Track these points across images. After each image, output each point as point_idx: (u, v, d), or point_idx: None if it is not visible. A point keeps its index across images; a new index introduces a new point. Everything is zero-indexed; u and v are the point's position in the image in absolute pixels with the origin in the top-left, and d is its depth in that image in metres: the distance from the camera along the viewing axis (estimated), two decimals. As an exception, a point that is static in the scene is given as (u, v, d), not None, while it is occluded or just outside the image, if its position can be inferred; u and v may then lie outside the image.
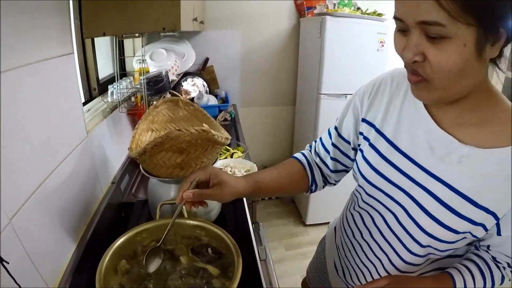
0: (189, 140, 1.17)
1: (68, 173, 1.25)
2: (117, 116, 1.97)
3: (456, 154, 0.85)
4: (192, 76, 3.37)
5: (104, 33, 1.46)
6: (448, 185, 0.86)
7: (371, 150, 1.04)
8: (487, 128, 0.83)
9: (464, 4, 0.64)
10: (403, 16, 0.74)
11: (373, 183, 1.03)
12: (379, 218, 1.04)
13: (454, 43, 0.69)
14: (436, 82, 0.76)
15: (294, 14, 3.64)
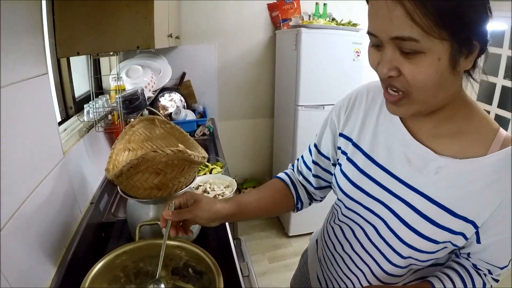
0: (165, 161, 1.15)
1: (45, 196, 1.22)
2: (94, 135, 1.95)
3: (433, 166, 0.86)
4: (169, 91, 3.36)
5: (78, 53, 1.44)
6: (426, 196, 0.86)
7: (348, 164, 1.04)
8: (462, 138, 0.84)
9: (437, 19, 0.65)
10: (377, 31, 0.74)
11: (351, 196, 1.03)
12: (360, 230, 1.05)
13: (428, 57, 0.70)
14: (413, 96, 0.77)
15: (270, 26, 3.67)
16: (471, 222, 0.82)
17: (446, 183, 0.84)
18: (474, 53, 0.72)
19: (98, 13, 1.38)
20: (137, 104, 1.81)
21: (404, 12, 0.67)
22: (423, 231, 0.87)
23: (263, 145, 4.18)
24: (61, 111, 1.92)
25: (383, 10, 0.70)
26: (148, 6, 1.37)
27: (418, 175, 0.88)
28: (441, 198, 0.84)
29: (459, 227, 0.84)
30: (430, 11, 0.65)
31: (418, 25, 0.66)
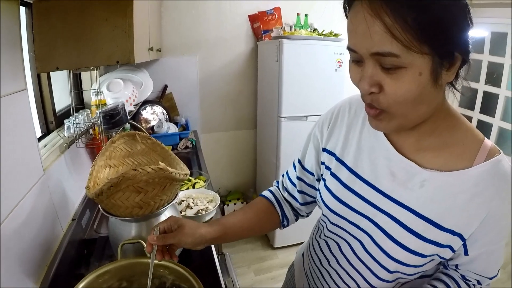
0: (146, 179, 1.13)
1: (25, 215, 1.22)
2: (75, 150, 1.92)
3: (418, 179, 0.85)
4: (151, 104, 3.32)
5: (57, 68, 1.43)
6: (412, 210, 0.86)
7: (332, 179, 1.03)
8: (447, 151, 0.84)
9: (418, 34, 0.65)
10: (356, 47, 0.74)
11: (336, 211, 1.02)
12: (346, 245, 1.03)
13: (409, 72, 0.69)
14: (394, 111, 0.77)
15: (251, 38, 3.68)
16: (458, 234, 0.82)
17: (431, 196, 0.83)
18: (456, 65, 0.72)
19: (77, 28, 1.37)
20: (118, 119, 1.79)
21: (384, 27, 0.66)
22: (409, 245, 0.86)
23: (247, 157, 4.17)
24: (41, 126, 1.91)
25: (362, 26, 0.70)
26: (127, 21, 1.36)
27: (403, 189, 0.87)
28: (427, 211, 0.84)
29: (446, 240, 0.83)
30: (410, 25, 0.64)
31: (398, 40, 0.66)
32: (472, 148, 0.82)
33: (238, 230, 1.12)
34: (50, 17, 1.36)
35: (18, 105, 1.27)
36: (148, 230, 1.32)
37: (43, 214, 1.38)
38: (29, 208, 1.26)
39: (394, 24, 0.65)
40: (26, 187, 1.26)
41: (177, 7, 3.37)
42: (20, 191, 1.21)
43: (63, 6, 1.34)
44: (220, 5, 3.49)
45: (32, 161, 1.35)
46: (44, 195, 1.42)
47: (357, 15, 0.71)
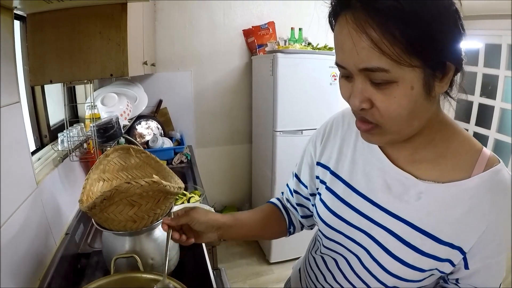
0: (139, 193, 1.12)
1: (17, 228, 1.21)
2: (70, 164, 1.91)
3: (414, 191, 0.83)
4: (146, 119, 3.32)
5: (51, 81, 1.42)
6: (408, 223, 0.83)
7: (328, 193, 1.01)
8: (443, 162, 0.82)
9: (407, 47, 0.63)
10: (345, 63, 0.72)
11: (332, 226, 1.00)
12: (343, 261, 1.01)
13: (400, 87, 0.67)
14: (387, 127, 0.75)
15: (246, 52, 3.70)
16: (458, 248, 0.79)
17: (428, 209, 0.81)
18: (449, 74, 0.70)
19: (70, 41, 1.36)
20: (112, 132, 1.78)
21: (370, 42, 0.64)
22: (406, 259, 0.84)
23: (242, 171, 4.15)
24: (35, 139, 1.90)
25: (348, 42, 0.68)
26: (121, 34, 1.35)
27: (399, 202, 0.85)
28: (424, 224, 0.81)
29: (444, 253, 0.80)
30: (398, 39, 0.63)
31: (387, 55, 0.64)
32: (469, 159, 0.80)
33: (249, 226, 1.13)
34: (44, 30, 1.35)
35: (12, 118, 1.26)
36: (142, 245, 1.31)
37: (36, 227, 1.37)
38: (21, 221, 1.25)
39: (381, 38, 0.63)
40: (19, 201, 1.26)
41: (171, 22, 3.39)
42: (12, 205, 1.20)
43: (56, 19, 1.34)
44: (214, 20, 3.52)
45: (25, 174, 1.35)
46: (37, 208, 1.41)
47: (343, 30, 0.69)
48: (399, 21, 0.62)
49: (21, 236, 1.23)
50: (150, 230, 1.32)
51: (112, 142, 1.89)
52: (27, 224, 1.29)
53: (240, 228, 1.10)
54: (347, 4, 0.68)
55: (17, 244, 1.20)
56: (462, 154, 0.81)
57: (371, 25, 0.64)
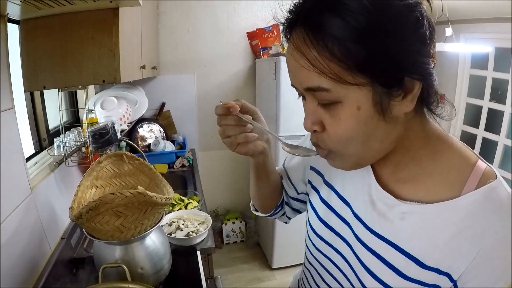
0: (125, 204, 1.10)
1: (10, 233, 1.23)
2: (67, 169, 1.90)
3: (397, 211, 0.75)
4: (148, 122, 3.32)
5: (44, 87, 1.43)
6: (392, 244, 0.75)
7: (320, 203, 0.95)
8: (428, 181, 0.73)
9: (348, 64, 0.59)
10: (293, 82, 0.70)
11: (321, 236, 0.94)
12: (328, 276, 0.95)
13: (345, 108, 0.64)
14: (341, 151, 0.71)
15: (250, 55, 3.67)
16: (446, 274, 0.69)
17: (412, 230, 0.73)
18: (414, 92, 0.63)
19: (63, 47, 1.37)
20: (107, 138, 1.76)
21: (307, 61, 0.62)
22: (389, 283, 0.75)
23: (245, 175, 4.10)
24: (34, 143, 1.90)
25: (291, 61, 0.66)
26: (113, 39, 1.34)
27: (384, 220, 0.77)
28: (408, 246, 0.73)
29: (430, 279, 0.71)
30: (337, 56, 0.59)
31: (324, 74, 0.61)
32: (460, 174, 0.70)
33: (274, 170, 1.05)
34: (37, 36, 1.35)
35: (5, 125, 1.27)
36: (132, 254, 1.30)
37: (29, 232, 1.38)
38: (14, 227, 1.26)
39: (319, 56, 0.60)
40: (12, 206, 1.27)
41: (175, 25, 3.38)
42: (5, 210, 1.21)
43: (49, 25, 1.34)
44: (218, 22, 3.50)
45: (19, 180, 1.36)
46: (31, 213, 1.42)
47: (288, 49, 0.67)
48: (336, 37, 0.59)
49: (13, 241, 1.24)
50: (141, 239, 1.31)
51: (108, 147, 1.87)
52: (21, 229, 1.30)
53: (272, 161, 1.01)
54: (292, 23, 0.67)
55: (10, 249, 1.21)
56: (451, 170, 0.72)
57: (308, 43, 0.61)
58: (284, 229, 3.29)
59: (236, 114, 0.81)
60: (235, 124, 0.83)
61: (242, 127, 0.84)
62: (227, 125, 0.84)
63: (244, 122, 0.83)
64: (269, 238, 3.53)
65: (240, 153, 0.88)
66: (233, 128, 0.84)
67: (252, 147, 0.88)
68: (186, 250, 1.75)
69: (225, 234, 4.00)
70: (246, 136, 0.85)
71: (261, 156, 0.95)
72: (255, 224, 4.01)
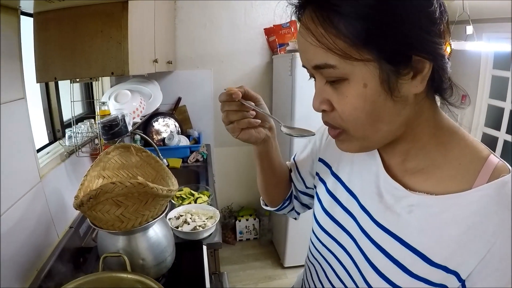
0: (124, 193, 1.11)
1: (17, 219, 1.25)
2: (79, 159, 1.93)
3: (405, 203, 0.72)
4: (163, 116, 3.35)
5: (55, 78, 1.44)
6: (398, 238, 0.72)
7: (326, 195, 0.94)
8: (438, 173, 0.70)
9: (353, 39, 0.59)
10: (303, 61, 0.70)
11: (325, 228, 0.93)
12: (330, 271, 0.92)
13: (352, 85, 0.63)
14: (351, 131, 0.69)
15: (267, 51, 3.66)
16: (454, 272, 0.65)
17: (420, 224, 0.69)
18: (424, 72, 0.62)
19: (73, 39, 1.38)
20: (117, 130, 1.77)
21: (314, 39, 0.62)
22: (394, 280, 0.72)
23: (260, 172, 4.10)
24: (48, 134, 1.95)
25: (301, 41, 0.66)
26: (122, 32, 1.35)
27: (390, 213, 0.74)
28: (415, 241, 0.70)
29: (437, 277, 0.67)
30: (342, 32, 0.59)
31: (331, 50, 0.60)
32: (472, 167, 0.67)
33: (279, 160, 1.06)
34: (48, 29, 1.37)
35: (16, 114, 1.31)
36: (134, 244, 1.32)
37: (36, 219, 1.40)
38: (21, 213, 1.29)
39: (326, 33, 0.60)
40: (20, 193, 1.30)
41: (192, 21, 3.39)
42: (13, 196, 1.24)
43: (60, 18, 1.35)
44: (235, 18, 3.50)
45: (28, 168, 1.39)
46: (39, 201, 1.45)
47: (299, 29, 0.68)
48: (340, 13, 0.59)
49: (19, 227, 1.26)
50: (143, 230, 1.32)
51: (118, 139, 1.89)
52: (27, 216, 1.32)
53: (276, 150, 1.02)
54: (303, 4, 0.66)
55: (16, 234, 1.24)
56: (462, 163, 0.69)
57: (316, 21, 0.61)
58: (297, 228, 3.28)
59: (239, 100, 0.83)
60: (237, 109, 0.85)
61: (245, 112, 0.86)
62: (230, 110, 0.86)
63: (246, 108, 0.85)
64: (282, 236, 3.52)
65: (242, 140, 0.90)
66: (236, 113, 0.86)
67: (255, 134, 0.90)
68: (192, 244, 1.75)
69: (238, 231, 4.01)
70: (249, 122, 0.87)
71: (264, 145, 0.97)
72: (269, 222, 4.00)
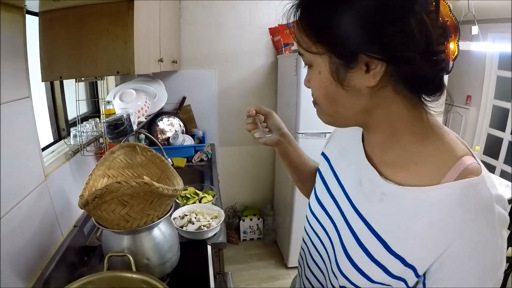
0: (130, 193, 1.11)
1: (21, 218, 1.26)
2: (83, 158, 1.93)
3: (379, 191, 0.77)
4: (168, 115, 3.35)
5: (60, 77, 1.44)
6: (368, 225, 0.77)
7: (320, 182, 1.01)
8: (411, 167, 0.74)
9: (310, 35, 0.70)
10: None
11: (315, 214, 0.99)
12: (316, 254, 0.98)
13: (313, 71, 0.74)
14: (319, 105, 0.79)
15: (272, 51, 3.65)
16: (411, 267, 0.68)
17: (387, 214, 0.74)
18: (376, 69, 0.65)
19: (78, 38, 1.38)
20: (122, 129, 1.77)
21: (293, 34, 0.76)
22: (360, 265, 0.78)
23: (264, 172, 4.11)
24: (53, 133, 1.94)
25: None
26: (127, 31, 1.35)
27: (366, 200, 0.80)
28: (381, 229, 0.75)
29: (396, 269, 0.70)
30: (306, 32, 0.70)
31: (298, 43, 0.74)
32: (443, 165, 0.69)
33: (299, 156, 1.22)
34: (54, 28, 1.37)
35: (21, 112, 1.31)
36: (139, 244, 1.32)
37: (41, 218, 1.41)
38: (26, 212, 1.29)
39: (299, 32, 0.73)
40: (25, 191, 1.30)
41: (196, 20, 3.39)
42: (18, 195, 1.25)
43: (65, 17, 1.35)
44: (240, 18, 3.50)
45: (33, 166, 1.39)
46: (44, 200, 1.45)
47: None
48: (305, 11, 0.71)
49: (24, 226, 1.27)
50: (148, 230, 1.32)
51: (123, 138, 1.89)
52: (32, 215, 1.33)
53: (294, 151, 1.20)
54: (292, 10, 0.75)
55: (21, 232, 1.24)
56: (436, 160, 0.71)
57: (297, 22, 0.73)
58: (301, 228, 3.23)
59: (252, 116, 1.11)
60: (251, 122, 1.12)
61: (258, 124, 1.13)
62: (248, 123, 1.13)
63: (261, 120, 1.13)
64: (286, 237, 3.51)
65: (261, 142, 1.15)
66: (251, 125, 1.13)
67: (268, 140, 1.14)
68: (197, 244, 1.75)
69: (242, 231, 4.00)
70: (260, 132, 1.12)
71: (280, 147, 1.18)
72: (273, 222, 4.00)
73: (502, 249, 0.64)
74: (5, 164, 1.16)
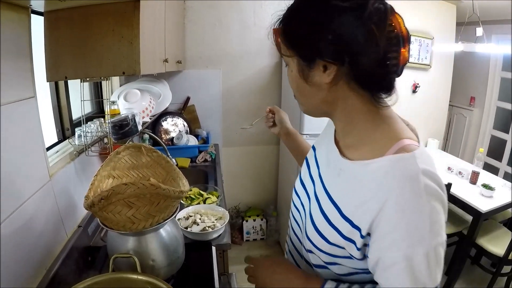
0: (137, 195, 1.11)
1: (26, 218, 1.26)
2: (88, 158, 1.93)
3: (338, 167, 0.93)
4: (172, 115, 3.34)
5: (66, 77, 1.44)
6: (328, 195, 0.93)
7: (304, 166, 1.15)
8: (363, 148, 0.89)
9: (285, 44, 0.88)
10: None
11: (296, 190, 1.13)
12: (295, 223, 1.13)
13: (288, 69, 0.93)
14: (296, 98, 0.97)
15: (276, 51, 3.59)
16: (357, 227, 0.82)
17: (342, 186, 0.90)
18: (331, 69, 0.82)
19: (84, 39, 1.38)
20: (127, 130, 1.76)
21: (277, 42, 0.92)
22: (319, 228, 0.92)
23: (268, 173, 4.11)
24: (57, 133, 1.94)
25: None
26: (133, 32, 1.35)
27: (329, 175, 0.97)
28: (336, 197, 0.90)
29: (346, 230, 0.84)
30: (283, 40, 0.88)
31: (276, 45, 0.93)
32: (385, 145, 0.84)
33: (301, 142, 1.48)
34: (59, 28, 1.37)
35: (26, 112, 1.31)
36: (144, 245, 1.31)
37: (46, 218, 1.41)
38: (31, 212, 1.29)
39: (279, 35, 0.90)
40: (29, 192, 1.30)
41: (201, 21, 3.39)
42: (22, 195, 1.24)
43: (71, 17, 1.35)
44: (244, 19, 3.50)
45: (37, 166, 1.39)
46: (48, 200, 1.45)
47: None
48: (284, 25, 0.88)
49: (29, 226, 1.27)
50: (153, 231, 1.31)
51: (128, 138, 1.88)
52: (37, 214, 1.33)
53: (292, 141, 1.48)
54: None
55: (26, 232, 1.24)
56: (381, 141, 0.86)
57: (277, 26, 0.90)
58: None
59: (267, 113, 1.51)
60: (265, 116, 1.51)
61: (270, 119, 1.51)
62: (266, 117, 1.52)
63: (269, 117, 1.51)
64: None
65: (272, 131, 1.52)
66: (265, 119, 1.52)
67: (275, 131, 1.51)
68: (201, 245, 1.75)
69: (245, 231, 4.00)
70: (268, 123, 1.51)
71: (282, 136, 1.50)
72: (276, 223, 4.00)
73: (432, 219, 0.74)
74: (10, 164, 1.16)
